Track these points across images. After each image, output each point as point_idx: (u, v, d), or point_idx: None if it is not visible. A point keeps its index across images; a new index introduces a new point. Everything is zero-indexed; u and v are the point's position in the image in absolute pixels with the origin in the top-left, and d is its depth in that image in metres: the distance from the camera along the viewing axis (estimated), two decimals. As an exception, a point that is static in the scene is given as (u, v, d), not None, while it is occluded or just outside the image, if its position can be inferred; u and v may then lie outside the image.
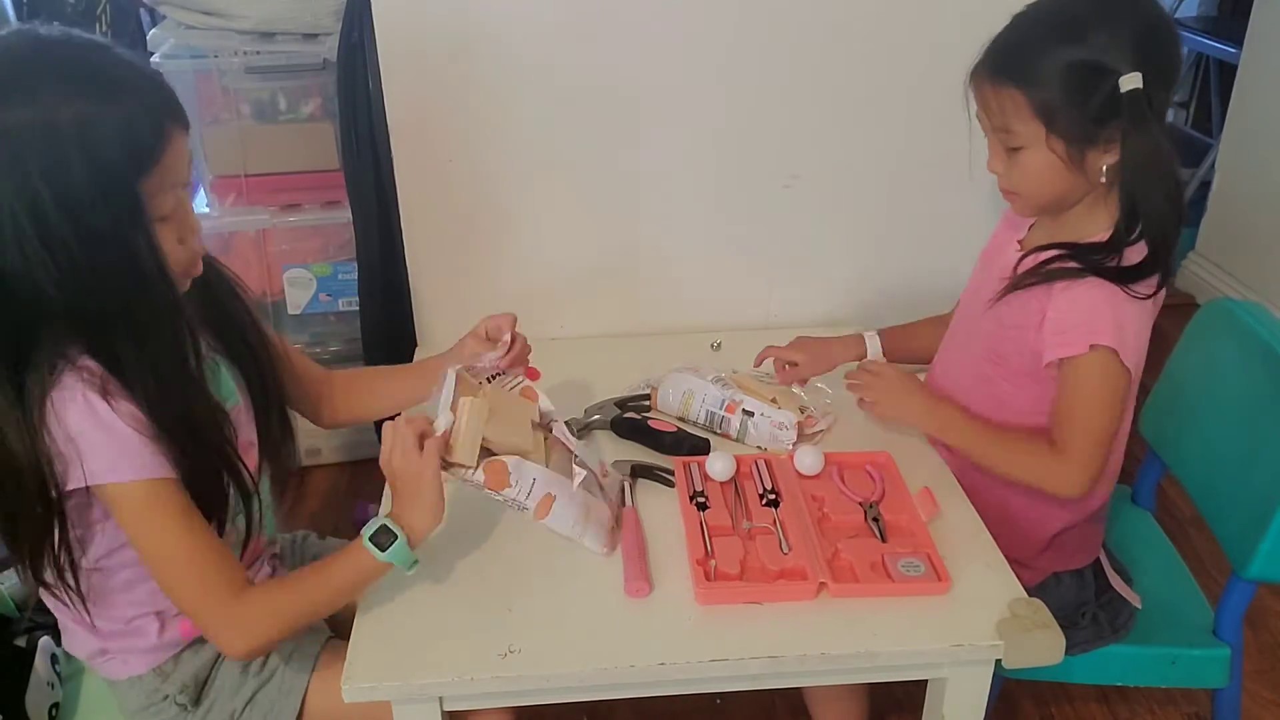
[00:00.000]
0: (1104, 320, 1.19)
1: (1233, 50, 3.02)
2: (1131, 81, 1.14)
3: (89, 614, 1.15)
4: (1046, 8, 1.21)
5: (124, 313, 1.02)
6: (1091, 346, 1.19)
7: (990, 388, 1.33)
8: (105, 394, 1.02)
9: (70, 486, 1.03)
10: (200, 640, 1.22)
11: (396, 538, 1.08)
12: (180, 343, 1.07)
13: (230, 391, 1.20)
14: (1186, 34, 3.35)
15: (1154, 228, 1.19)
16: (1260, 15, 2.86)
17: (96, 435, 1.01)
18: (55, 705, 1.29)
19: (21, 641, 1.33)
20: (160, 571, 1.09)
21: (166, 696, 1.20)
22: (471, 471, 1.12)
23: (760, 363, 1.54)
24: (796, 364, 1.49)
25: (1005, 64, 1.20)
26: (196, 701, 1.21)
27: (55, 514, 1.06)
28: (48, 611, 1.38)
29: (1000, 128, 1.21)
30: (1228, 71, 3.14)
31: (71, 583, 1.11)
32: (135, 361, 1.03)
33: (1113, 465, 1.33)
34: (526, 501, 1.15)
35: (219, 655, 1.22)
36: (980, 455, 1.30)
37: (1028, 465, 1.26)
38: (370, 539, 1.08)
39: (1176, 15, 3.44)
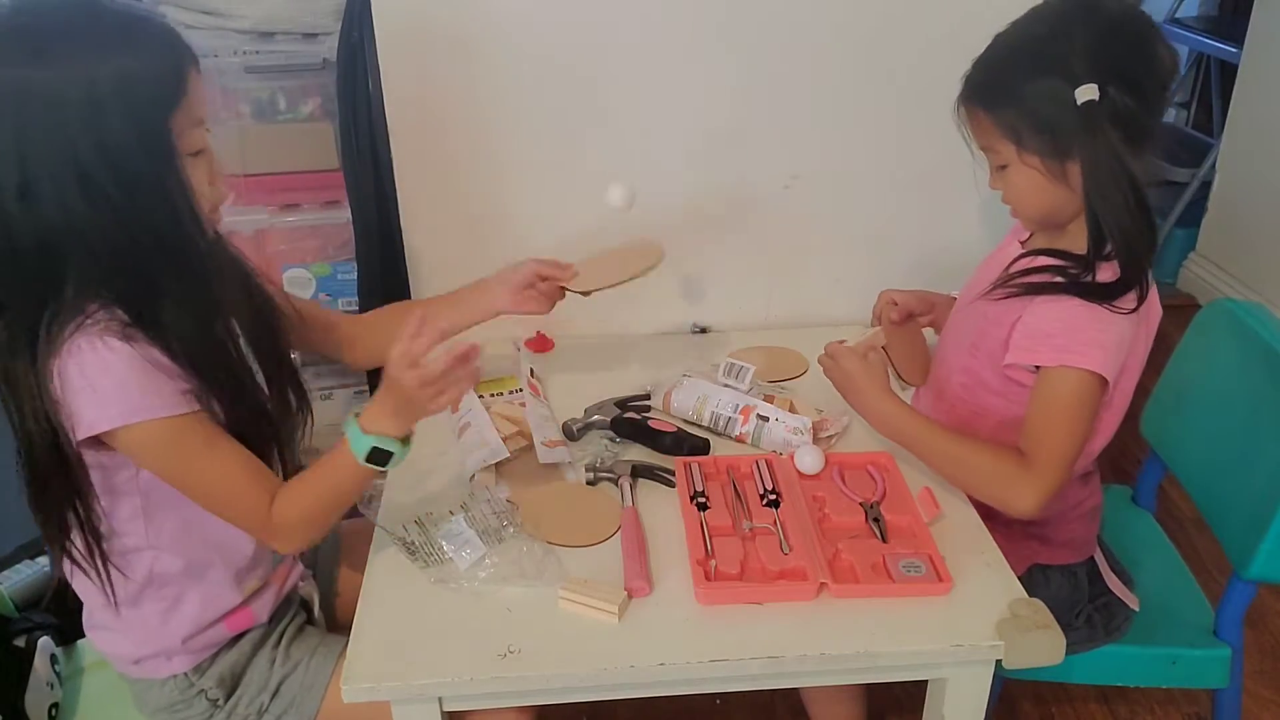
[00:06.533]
0: (1082, 340, 1.18)
1: (1233, 50, 3.02)
2: (1086, 93, 1.13)
3: (114, 594, 1.15)
4: (1012, 29, 1.22)
5: (161, 253, 1.04)
6: (1064, 365, 1.18)
7: (968, 378, 1.34)
8: (126, 337, 1.03)
9: (82, 435, 1.03)
10: (238, 637, 1.23)
11: (391, 454, 1.13)
12: (213, 284, 1.10)
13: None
14: (1186, 34, 3.35)
15: (1121, 243, 1.17)
16: (1260, 15, 2.86)
17: (110, 379, 1.02)
18: (55, 705, 1.29)
19: (21, 641, 1.33)
20: (195, 499, 1.12)
21: (201, 692, 1.21)
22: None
23: (878, 310, 1.47)
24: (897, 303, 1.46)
25: (974, 88, 1.23)
26: (229, 696, 1.22)
27: (75, 475, 1.07)
28: (47, 611, 1.38)
29: (984, 147, 1.24)
30: (1228, 71, 3.14)
31: (99, 558, 1.12)
32: (171, 303, 1.05)
33: (1083, 465, 1.33)
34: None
35: (254, 650, 1.24)
36: (931, 455, 1.28)
37: (987, 474, 1.23)
38: (367, 459, 1.11)
39: (1176, 15, 3.44)
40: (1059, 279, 1.21)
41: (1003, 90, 1.19)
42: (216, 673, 1.21)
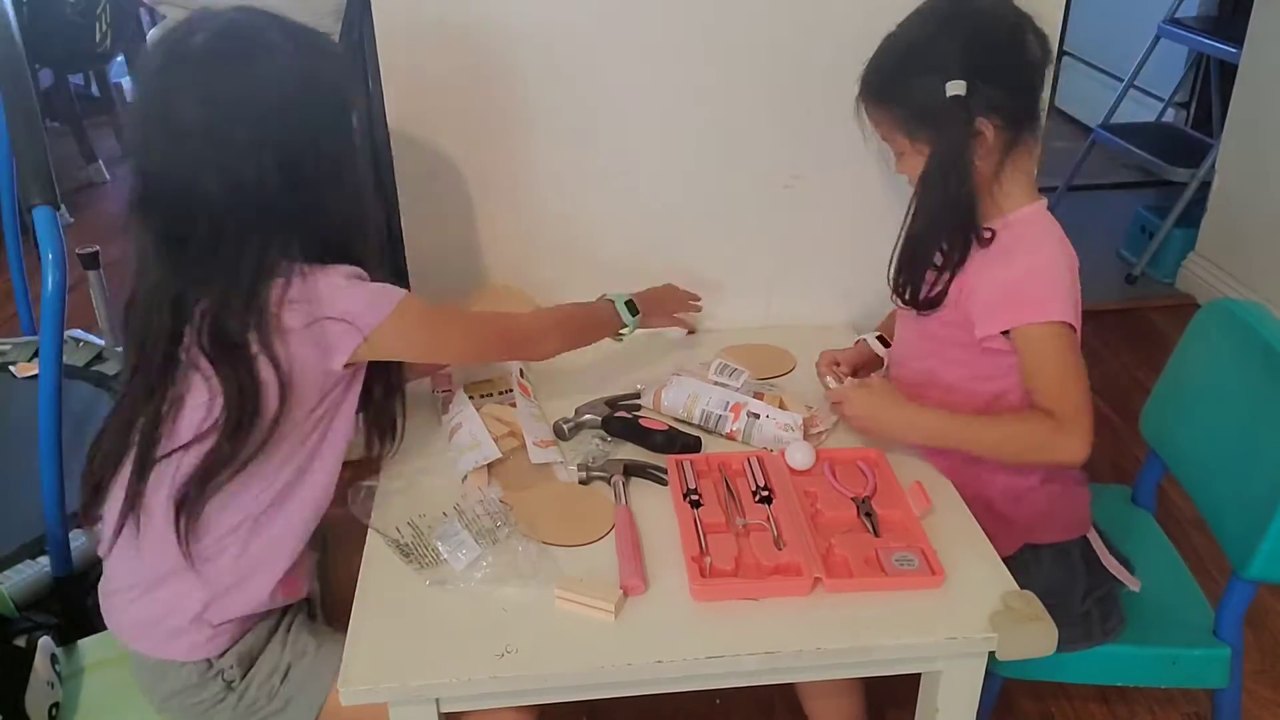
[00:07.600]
0: (1031, 298, 1.26)
1: (1233, 50, 3.01)
2: (954, 89, 1.23)
3: (189, 549, 1.16)
4: (898, 31, 1.32)
5: (348, 214, 1.19)
6: (1028, 324, 1.26)
7: (943, 386, 1.38)
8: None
9: (370, 326, 1.15)
10: (263, 616, 1.24)
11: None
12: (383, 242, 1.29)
13: None
14: (1186, 34, 3.35)
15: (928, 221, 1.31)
16: (1260, 15, 2.85)
17: (363, 286, 1.16)
18: (55, 705, 1.29)
19: (21, 641, 1.33)
20: (455, 353, 1.40)
21: (218, 673, 1.21)
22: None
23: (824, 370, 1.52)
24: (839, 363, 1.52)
25: (867, 86, 1.33)
26: (243, 677, 1.22)
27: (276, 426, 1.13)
28: (47, 611, 1.39)
29: (884, 137, 1.35)
30: (1228, 71, 3.14)
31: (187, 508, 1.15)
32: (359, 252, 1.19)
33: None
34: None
35: (269, 634, 1.24)
36: (974, 445, 1.31)
37: (1030, 441, 1.28)
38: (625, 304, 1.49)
39: (1176, 15, 3.43)
40: (950, 271, 1.31)
41: (890, 88, 1.30)
42: (236, 652, 1.22)
